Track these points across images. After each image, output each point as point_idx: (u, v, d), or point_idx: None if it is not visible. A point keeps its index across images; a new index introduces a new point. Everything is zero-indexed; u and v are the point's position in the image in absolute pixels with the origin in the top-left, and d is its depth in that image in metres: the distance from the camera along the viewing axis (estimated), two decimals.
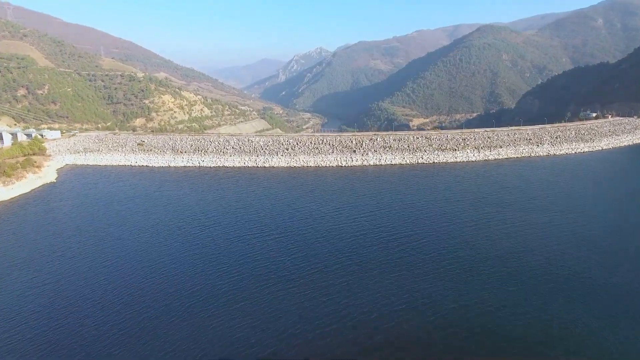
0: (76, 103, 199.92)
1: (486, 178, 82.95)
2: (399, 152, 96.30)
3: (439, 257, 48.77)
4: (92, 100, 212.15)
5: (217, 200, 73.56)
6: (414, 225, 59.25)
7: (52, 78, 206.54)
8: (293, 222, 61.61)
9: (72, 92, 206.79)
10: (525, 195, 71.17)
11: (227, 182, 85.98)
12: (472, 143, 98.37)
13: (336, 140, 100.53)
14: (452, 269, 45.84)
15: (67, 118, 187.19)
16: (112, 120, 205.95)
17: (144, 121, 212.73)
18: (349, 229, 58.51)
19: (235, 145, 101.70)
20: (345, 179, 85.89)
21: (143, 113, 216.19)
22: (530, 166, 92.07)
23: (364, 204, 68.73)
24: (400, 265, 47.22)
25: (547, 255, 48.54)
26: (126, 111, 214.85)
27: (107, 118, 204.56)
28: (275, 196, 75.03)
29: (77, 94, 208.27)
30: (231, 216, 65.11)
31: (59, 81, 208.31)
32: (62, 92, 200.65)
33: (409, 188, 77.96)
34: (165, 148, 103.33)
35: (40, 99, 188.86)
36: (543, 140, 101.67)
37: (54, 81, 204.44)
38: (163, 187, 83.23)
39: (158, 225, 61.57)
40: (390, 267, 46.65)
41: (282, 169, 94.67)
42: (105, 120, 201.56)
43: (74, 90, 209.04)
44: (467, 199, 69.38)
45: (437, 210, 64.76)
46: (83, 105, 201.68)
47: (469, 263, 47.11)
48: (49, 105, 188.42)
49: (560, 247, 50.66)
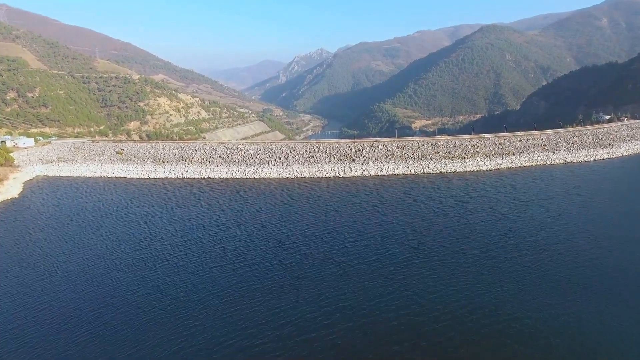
0: (68, 106, 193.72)
1: (501, 192, 74.17)
2: (403, 161, 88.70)
3: (451, 301, 42.10)
4: (85, 103, 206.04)
5: (194, 220, 64.95)
6: (419, 252, 51.77)
7: (43, 80, 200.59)
8: (279, 247, 53.15)
9: (64, 94, 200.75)
10: (546, 212, 62.77)
11: (209, 197, 77.23)
12: (482, 150, 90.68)
13: (333, 147, 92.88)
14: (470, 311, 39.20)
15: (58, 122, 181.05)
16: (105, 124, 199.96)
17: (139, 124, 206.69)
18: (346, 254, 50.59)
19: (223, 153, 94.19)
20: (342, 192, 77.37)
21: (138, 116, 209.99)
22: (548, 176, 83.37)
23: (363, 223, 60.97)
24: (409, 307, 40.55)
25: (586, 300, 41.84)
26: (120, 114, 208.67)
27: (100, 121, 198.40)
28: (261, 214, 66.76)
29: (70, 96, 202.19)
30: (208, 241, 56.14)
31: (51, 84, 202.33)
32: (54, 95, 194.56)
33: (414, 205, 68.82)
34: (146, 157, 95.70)
35: (31, 102, 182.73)
36: (559, 146, 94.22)
37: (45, 83, 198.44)
38: (135, 204, 74.23)
39: (117, 253, 52.87)
40: (397, 312, 39.97)
41: (273, 181, 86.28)
42: (98, 124, 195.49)
43: (67, 93, 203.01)
44: (481, 221, 59.97)
45: (447, 235, 55.64)
46: (75, 109, 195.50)
47: (489, 305, 40.47)
48: (39, 109, 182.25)
49: (603, 288, 42.46)
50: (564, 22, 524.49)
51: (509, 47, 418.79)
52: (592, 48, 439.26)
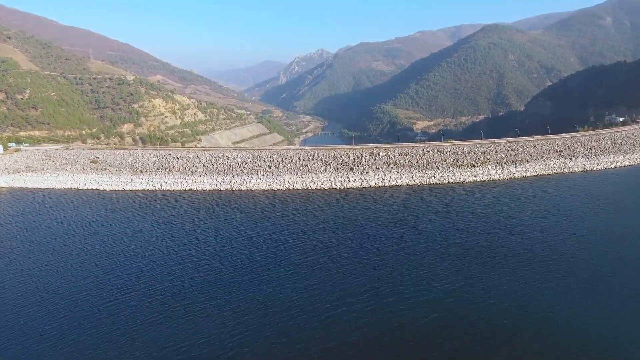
0: (59, 108, 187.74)
1: (518, 208, 65.27)
2: (406, 170, 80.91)
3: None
4: (77, 105, 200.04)
5: (161, 242, 56.10)
6: (427, 282, 45.03)
7: (34, 82, 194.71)
8: (259, 278, 44.78)
9: (55, 96, 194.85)
10: (573, 232, 54.39)
11: (186, 213, 68.07)
12: (493, 157, 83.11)
13: (330, 155, 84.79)
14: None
15: (49, 124, 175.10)
16: (98, 126, 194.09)
17: (132, 127, 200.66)
18: (342, 288, 42.80)
19: (208, 162, 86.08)
20: (338, 206, 68.96)
21: (131, 118, 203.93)
22: (567, 186, 74.55)
23: (361, 245, 52.84)
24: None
25: None
26: (114, 116, 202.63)
27: (92, 124, 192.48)
28: (242, 235, 57.79)
29: (62, 98, 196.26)
30: (170, 271, 47.20)
31: (42, 85, 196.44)
32: (45, 96, 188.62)
33: (420, 222, 60.28)
34: (123, 166, 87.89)
35: (20, 105, 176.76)
36: (576, 152, 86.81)
37: (36, 85, 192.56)
38: (99, 221, 65.60)
39: (65, 281, 45.48)
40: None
41: (262, 194, 77.76)
42: (90, 126, 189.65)
43: (58, 95, 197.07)
44: (498, 245, 51.27)
45: (459, 263, 47.27)
46: (67, 111, 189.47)
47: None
48: (29, 111, 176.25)
49: None
50: (567, 21, 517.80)
51: (511, 46, 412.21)
52: (597, 47, 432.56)
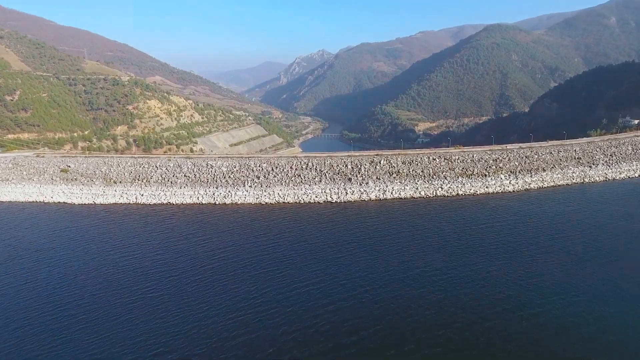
0: (51, 110, 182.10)
1: (542, 228, 55.48)
2: (411, 180, 73.23)
3: None
4: (69, 106, 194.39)
5: (120, 269, 47.90)
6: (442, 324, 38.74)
7: (25, 83, 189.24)
8: (231, 327, 36.43)
9: (47, 97, 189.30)
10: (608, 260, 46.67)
11: (153, 233, 59.06)
12: (506, 165, 75.62)
13: (325, 163, 76.76)
14: None
15: (39, 127, 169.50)
16: (90, 129, 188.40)
17: (126, 129, 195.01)
18: (340, 332, 35.88)
19: (189, 172, 78.17)
20: (333, 224, 60.58)
21: (125, 120, 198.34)
22: (590, 199, 66.08)
23: (360, 274, 44.58)
24: None
25: None
26: (107, 118, 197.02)
27: (85, 126, 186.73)
28: (216, 262, 48.70)
29: (53, 100, 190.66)
30: (130, 309, 39.77)
31: (34, 86, 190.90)
32: (36, 98, 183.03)
33: (428, 245, 51.49)
34: (96, 176, 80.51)
35: (10, 106, 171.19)
36: (596, 158, 79.63)
37: (27, 86, 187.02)
38: (53, 242, 56.93)
39: None
40: None
41: (248, 208, 69.05)
42: (82, 129, 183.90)
43: (50, 96, 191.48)
44: (519, 282, 41.94)
45: (479, 300, 39.15)
46: (58, 113, 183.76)
47: None
48: (18, 113, 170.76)
49: None
50: (571, 21, 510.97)
51: (515, 46, 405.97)
52: (601, 48, 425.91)
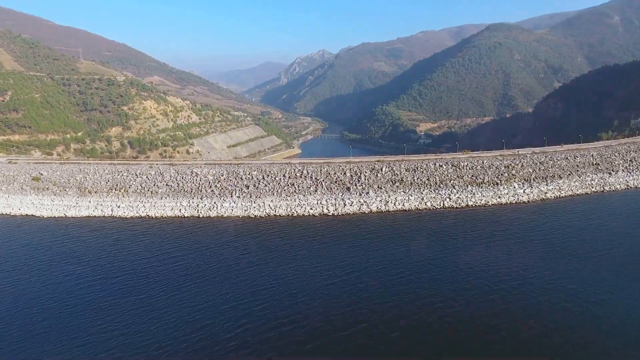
0: (43, 111, 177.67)
1: (566, 246, 49.46)
2: (416, 189, 67.32)
3: None
4: (63, 107, 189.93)
5: (73, 296, 42.07)
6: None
7: (17, 83, 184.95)
8: None
9: (40, 98, 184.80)
10: None
11: (121, 253, 52.56)
12: (519, 172, 69.87)
13: (322, 171, 70.94)
14: None
15: (30, 128, 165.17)
16: (84, 130, 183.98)
17: (121, 130, 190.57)
18: None
19: (172, 180, 72.51)
20: (330, 242, 53.18)
21: (120, 121, 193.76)
22: (612, 211, 60.14)
23: (359, 307, 38.83)
24: None
25: None
26: (102, 119, 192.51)
27: (78, 127, 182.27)
28: (186, 292, 42.60)
29: (46, 100, 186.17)
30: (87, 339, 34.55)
31: (26, 86, 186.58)
32: (28, 98, 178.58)
33: (437, 266, 45.46)
34: (69, 185, 74.86)
35: (0, 107, 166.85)
36: (615, 164, 74.20)
37: (19, 86, 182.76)
38: (7, 264, 51.28)
39: None
40: None
41: (234, 222, 62.61)
42: (75, 130, 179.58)
43: (43, 97, 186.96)
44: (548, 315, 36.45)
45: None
46: (51, 114, 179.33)
47: None
48: (9, 114, 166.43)
49: None
50: (574, 20, 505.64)
51: (517, 46, 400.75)
52: (605, 47, 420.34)
